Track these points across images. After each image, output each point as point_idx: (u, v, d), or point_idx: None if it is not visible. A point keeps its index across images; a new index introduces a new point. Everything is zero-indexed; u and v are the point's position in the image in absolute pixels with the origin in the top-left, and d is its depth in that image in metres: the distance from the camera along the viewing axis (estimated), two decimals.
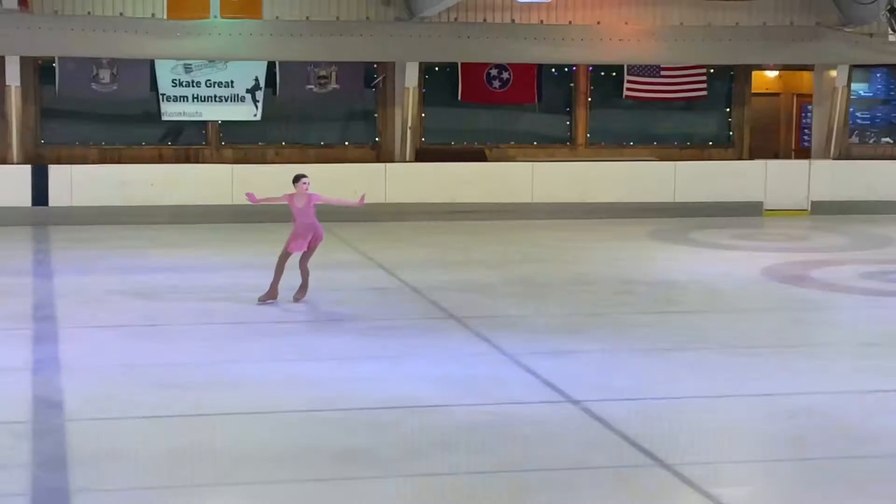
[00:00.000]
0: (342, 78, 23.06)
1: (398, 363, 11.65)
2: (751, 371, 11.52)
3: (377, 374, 11.21)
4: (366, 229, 20.82)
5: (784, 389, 10.87)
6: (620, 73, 24.01)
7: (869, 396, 10.71)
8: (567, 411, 10.13)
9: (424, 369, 11.39)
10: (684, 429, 9.81)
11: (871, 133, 24.44)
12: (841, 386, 11.00)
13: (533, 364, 11.57)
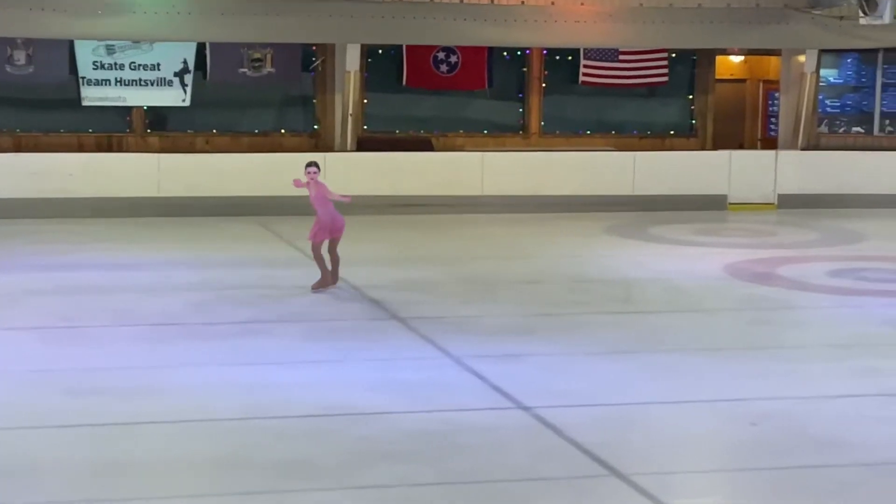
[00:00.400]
0: (278, 61, 22.98)
1: (338, 367, 11.65)
2: (712, 374, 11.62)
3: (315, 379, 11.20)
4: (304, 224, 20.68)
5: (748, 394, 10.97)
6: (576, 58, 24.09)
7: (838, 401, 10.83)
8: (517, 418, 10.17)
9: (366, 374, 11.40)
10: (641, 436, 9.88)
11: (841, 122, 24.65)
12: (808, 390, 11.10)
13: (481, 368, 11.60)
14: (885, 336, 13.24)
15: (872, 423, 10.14)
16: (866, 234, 20.63)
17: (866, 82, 24.60)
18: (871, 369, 11.83)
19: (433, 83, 23.76)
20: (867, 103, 24.48)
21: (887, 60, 24.23)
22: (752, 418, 10.24)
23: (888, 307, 14.65)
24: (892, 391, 11.10)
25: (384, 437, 9.57)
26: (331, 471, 8.82)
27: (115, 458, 9.08)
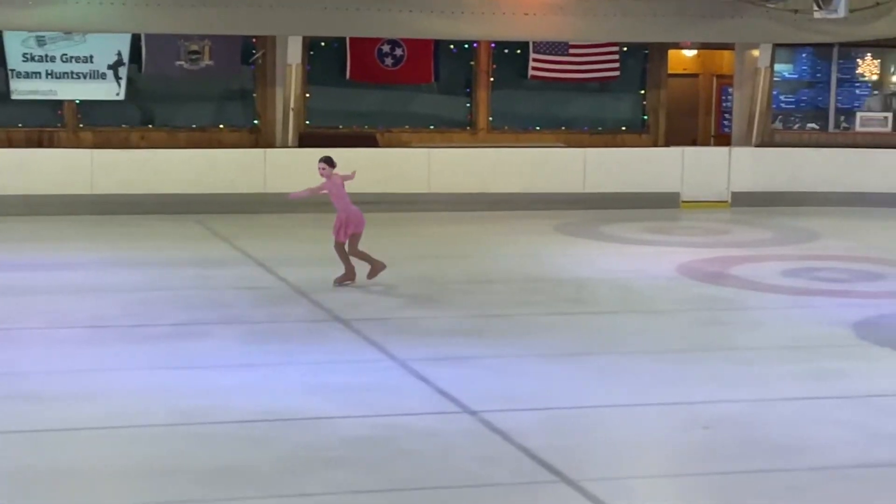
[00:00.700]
0: (216, 53, 22.85)
1: (276, 371, 11.57)
2: (664, 377, 11.63)
3: (252, 384, 11.12)
4: (243, 222, 20.67)
5: (700, 397, 10.98)
6: (525, 51, 24.11)
7: (791, 404, 10.86)
8: (464, 423, 10.14)
9: (306, 378, 11.33)
10: (591, 441, 9.87)
11: (795, 118, 24.80)
12: (761, 393, 11.13)
13: (427, 371, 11.56)
14: (839, 337, 13.30)
15: (825, 425, 10.18)
16: (821, 232, 20.76)
17: (821, 77, 24.76)
18: (825, 371, 11.88)
19: (378, 77, 23.71)
20: (822, 99, 24.65)
21: (842, 55, 24.41)
22: (703, 422, 10.26)
23: (842, 307, 14.72)
24: (845, 393, 11.15)
25: (324, 443, 9.50)
26: (268, 478, 8.75)
27: (45, 465, 8.96)
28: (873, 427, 10.13)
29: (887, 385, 11.43)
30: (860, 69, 24.81)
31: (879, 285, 16.29)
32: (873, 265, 17.67)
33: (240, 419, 10.05)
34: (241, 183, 21.88)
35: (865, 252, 18.97)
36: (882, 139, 24.18)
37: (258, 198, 21.71)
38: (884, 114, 24.47)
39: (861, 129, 24.41)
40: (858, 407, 10.72)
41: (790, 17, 23.24)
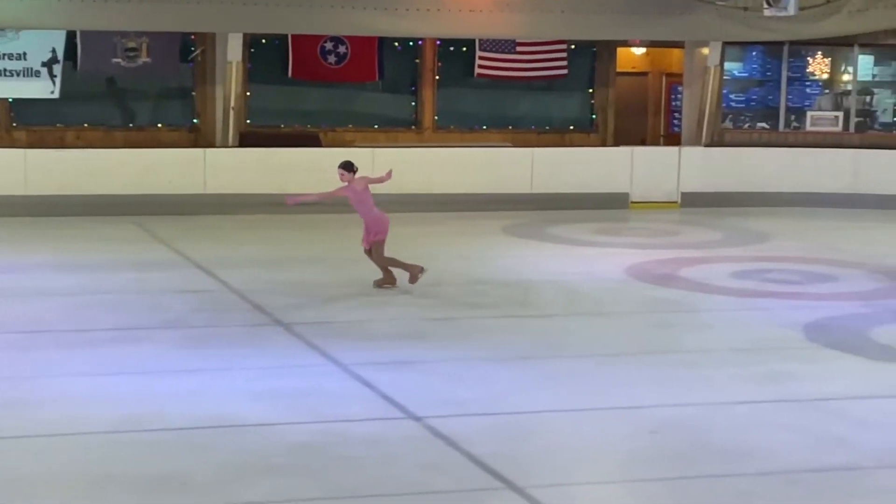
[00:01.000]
0: (154, 50, 22.78)
1: (216, 377, 11.58)
2: (612, 381, 11.72)
3: (192, 390, 11.12)
4: (182, 224, 20.63)
5: (648, 401, 11.08)
6: (472, 49, 24.19)
7: (740, 408, 10.98)
8: (408, 429, 10.18)
9: (246, 383, 11.34)
10: (538, 447, 9.94)
11: (745, 117, 24.99)
12: (710, 397, 11.24)
13: (370, 376, 11.59)
14: (789, 340, 13.45)
15: (775, 429, 10.31)
16: (771, 233, 20.95)
17: (771, 76, 24.96)
18: (775, 374, 12.02)
19: (320, 75, 23.72)
20: (772, 98, 24.85)
21: (792, 54, 24.62)
22: (652, 426, 10.35)
23: (793, 309, 14.88)
24: (795, 397, 11.28)
25: (266, 450, 9.53)
26: (208, 486, 8.77)
27: None
28: (822, 431, 10.26)
29: (836, 388, 11.58)
30: (811, 68, 25.03)
31: (830, 287, 16.47)
32: (824, 266, 17.85)
33: (180, 426, 10.05)
34: (181, 184, 21.82)
35: (816, 253, 19.16)
36: (833, 139, 24.40)
37: (198, 199, 21.68)
38: (834, 113, 24.71)
39: (812, 128, 24.62)
40: (807, 411, 10.86)
41: (740, 14, 23.44)
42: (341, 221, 21.29)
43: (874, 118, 24.99)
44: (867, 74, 25.10)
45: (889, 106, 25.02)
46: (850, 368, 12.40)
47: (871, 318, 14.56)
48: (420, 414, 10.47)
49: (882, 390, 11.68)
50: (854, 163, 24.07)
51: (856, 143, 24.35)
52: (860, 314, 14.76)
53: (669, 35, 24.11)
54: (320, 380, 11.56)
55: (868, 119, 24.86)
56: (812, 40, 24.31)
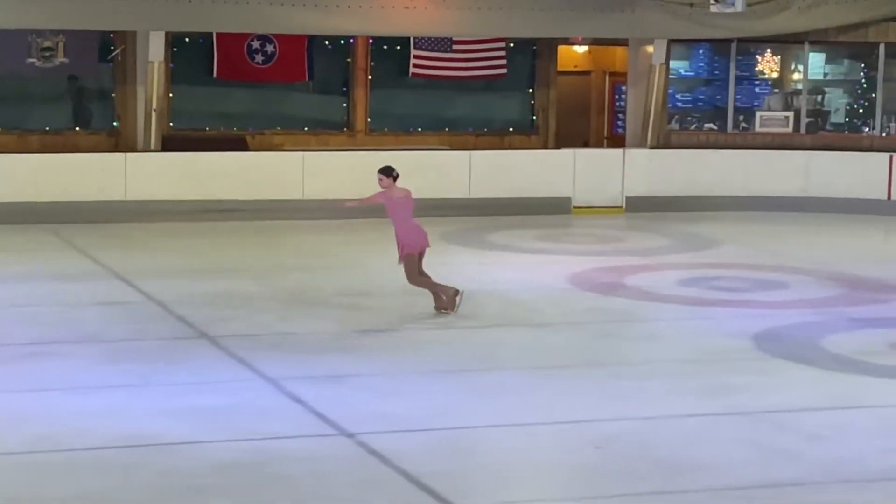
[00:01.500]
0: (71, 50, 22.63)
1: (137, 393, 11.53)
2: (553, 395, 11.77)
3: (111, 407, 11.07)
4: (101, 232, 20.50)
5: (591, 415, 11.14)
6: (406, 48, 24.19)
7: (688, 421, 11.06)
8: (340, 446, 10.19)
9: (170, 399, 11.31)
10: (477, 463, 9.97)
11: (692, 118, 25.13)
12: (656, 410, 11.31)
13: (300, 391, 11.59)
14: (738, 350, 13.55)
15: (724, 443, 10.39)
16: (719, 239, 21.07)
17: (719, 75, 25.11)
18: (723, 386, 12.11)
19: (247, 75, 23.65)
20: (720, 98, 25.00)
21: (741, 51, 24.79)
22: (595, 441, 10.40)
23: (742, 318, 14.99)
24: (743, 409, 11.36)
25: (190, 469, 9.50)
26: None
27: None
28: (771, 445, 10.35)
29: (786, 400, 11.68)
30: (760, 66, 25.21)
31: (780, 294, 16.60)
32: (774, 273, 17.99)
33: (99, 445, 9.99)
34: (100, 190, 21.68)
35: (766, 259, 19.29)
36: (783, 140, 24.59)
37: (118, 206, 21.54)
38: (784, 113, 24.89)
39: (761, 129, 24.79)
40: (756, 424, 10.95)
41: (686, 11, 23.59)
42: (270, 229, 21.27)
43: (826, 118, 25.20)
44: (818, 73, 25.31)
45: (841, 106, 25.23)
46: (800, 379, 12.51)
47: (823, 326, 14.70)
48: (353, 430, 10.48)
49: (834, 402, 11.80)
50: (805, 165, 24.26)
51: (807, 144, 24.54)
52: (811, 322, 14.89)
53: (612, 32, 24.21)
54: (248, 395, 11.54)
55: (819, 119, 25.07)
56: (761, 37, 24.48)
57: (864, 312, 15.52)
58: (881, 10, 23.96)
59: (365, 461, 9.85)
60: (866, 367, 12.93)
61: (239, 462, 9.70)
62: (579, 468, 9.92)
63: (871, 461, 10.03)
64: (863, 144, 24.42)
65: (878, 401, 11.82)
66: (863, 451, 10.27)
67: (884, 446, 10.39)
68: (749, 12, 22.41)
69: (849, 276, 17.73)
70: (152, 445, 10.05)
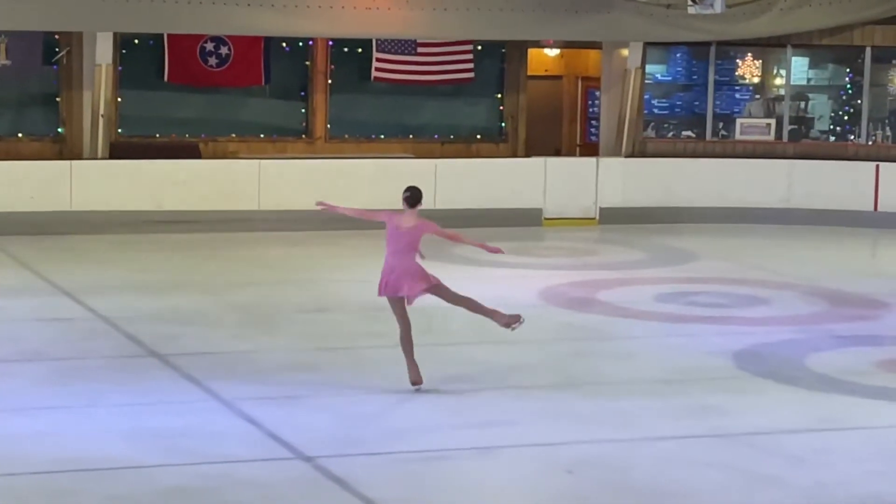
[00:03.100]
0: (13, 51, 22.59)
1: (82, 414, 11.50)
2: (524, 416, 11.79)
3: (55, 429, 11.03)
4: (45, 245, 20.42)
5: (564, 438, 11.16)
6: (368, 50, 24.22)
7: (664, 444, 11.08)
8: (297, 470, 10.18)
9: (116, 421, 11.28)
10: (439, 489, 9.98)
11: (669, 125, 25.22)
12: (631, 432, 11.34)
13: (255, 412, 11.58)
14: (716, 369, 13.60)
15: (702, 468, 10.41)
16: (697, 252, 21.14)
17: (697, 80, 25.21)
18: (701, 407, 12.14)
19: (200, 79, 23.63)
20: (699, 104, 25.10)
21: (720, 55, 24.90)
22: (568, 465, 10.42)
23: (722, 336, 15.05)
24: (722, 432, 11.40)
25: (137, 495, 9.47)
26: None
27: None
28: (752, 469, 10.38)
29: (767, 422, 11.72)
30: (740, 71, 25.32)
31: (761, 311, 16.67)
32: (755, 288, 18.05)
33: (41, 470, 9.96)
34: (44, 200, 21.61)
35: (747, 274, 19.38)
36: (764, 149, 24.70)
37: (63, 217, 21.47)
38: (766, 120, 25.01)
39: (742, 137, 24.90)
40: (736, 447, 10.98)
41: (663, 12, 23.67)
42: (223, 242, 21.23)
43: (809, 126, 25.32)
44: (801, 78, 25.44)
45: (826, 112, 25.37)
46: (783, 400, 12.56)
47: (806, 344, 14.76)
48: (310, 454, 10.47)
49: (818, 423, 11.85)
50: (788, 175, 24.38)
51: (789, 153, 24.65)
52: (794, 340, 14.96)
53: (585, 35, 24.28)
54: (199, 417, 11.51)
55: (803, 127, 25.20)
56: (741, 41, 24.61)
57: (850, 330, 15.58)
58: (867, 13, 24.09)
59: (323, 487, 9.84)
60: (852, 387, 12.99)
61: (189, 487, 9.68)
62: (551, 494, 9.93)
63: (856, 485, 10.07)
64: (848, 153, 24.54)
65: (864, 422, 11.87)
66: (848, 475, 10.31)
67: (870, 469, 10.44)
68: (729, 14, 22.51)
69: (834, 292, 17.82)
70: (98, 470, 10.01)
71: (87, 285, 17.28)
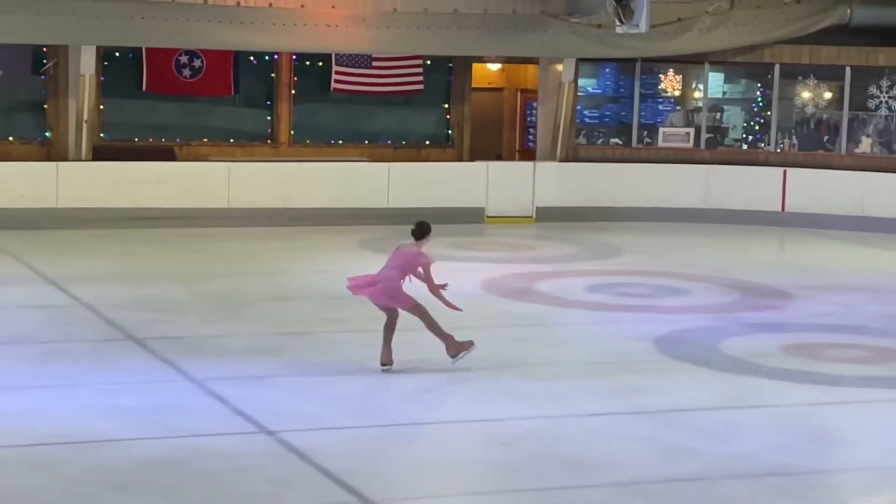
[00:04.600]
0: (4, 62, 22.35)
1: (65, 392, 11.42)
2: (466, 395, 11.80)
3: (39, 406, 10.95)
4: (33, 238, 20.25)
5: (501, 414, 11.17)
6: (328, 64, 24.13)
7: (590, 420, 11.11)
8: (261, 443, 10.14)
9: (96, 399, 11.21)
10: (391, 460, 9.97)
11: (599, 133, 25.24)
12: (561, 410, 11.35)
13: (223, 391, 11.53)
14: (640, 353, 13.63)
15: (626, 441, 10.44)
16: (624, 248, 21.17)
17: (625, 93, 25.22)
18: (625, 387, 12.17)
19: (175, 89, 23.47)
20: (626, 114, 25.12)
21: (645, 71, 24.93)
22: (504, 439, 10.42)
23: (645, 323, 15.08)
24: (643, 409, 11.43)
25: (115, 466, 9.41)
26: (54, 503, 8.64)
27: None
28: (669, 442, 10.41)
29: (684, 400, 11.76)
30: (663, 85, 25.34)
31: (681, 300, 16.72)
32: (675, 280, 18.10)
33: (25, 443, 9.89)
34: (32, 198, 21.44)
35: (668, 267, 19.42)
36: (684, 155, 24.74)
37: (50, 213, 21.31)
38: (686, 129, 25.05)
39: (664, 144, 24.92)
40: (655, 422, 11.01)
41: (594, 32, 23.68)
42: (196, 236, 21.12)
43: (724, 135, 25.37)
44: (717, 91, 25.49)
45: (739, 122, 25.43)
46: (698, 380, 12.61)
47: (720, 330, 14.82)
48: (273, 428, 10.43)
49: (729, 401, 11.90)
50: (705, 179, 24.44)
51: (706, 159, 24.70)
52: (709, 327, 15.01)
53: (524, 51, 24.27)
54: (173, 395, 11.46)
55: (718, 135, 25.24)
56: (664, 57, 24.62)
57: (759, 318, 15.66)
58: (776, 33, 24.20)
59: (284, 458, 9.81)
60: (760, 368, 13.06)
61: (162, 459, 9.63)
62: (489, 465, 9.94)
63: (763, 457, 10.12)
64: (758, 159, 24.62)
65: (770, 401, 11.94)
66: (756, 447, 10.37)
67: (775, 443, 10.50)
68: (653, 33, 22.51)
69: (745, 284, 17.89)
70: (80, 443, 9.95)
71: (71, 275, 17.14)
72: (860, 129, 24.44)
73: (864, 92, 24.24)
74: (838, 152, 24.30)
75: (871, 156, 24.11)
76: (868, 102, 24.27)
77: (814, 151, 24.47)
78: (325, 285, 17.16)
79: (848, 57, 24.15)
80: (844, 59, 24.17)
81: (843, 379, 12.74)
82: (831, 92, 24.59)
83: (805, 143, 24.65)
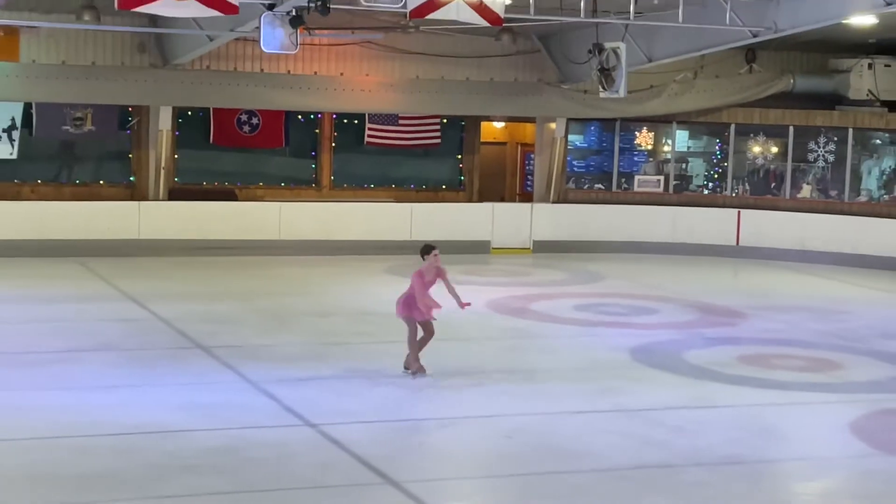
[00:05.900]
0: (97, 119, 22.40)
1: (143, 391, 11.41)
2: (475, 394, 11.75)
3: (122, 401, 10.94)
4: (120, 264, 20.27)
5: (504, 411, 11.13)
6: (362, 121, 24.15)
7: (577, 417, 11.05)
8: (305, 434, 10.11)
9: (169, 396, 11.19)
10: (413, 449, 9.94)
11: (585, 179, 25.20)
12: (554, 407, 11.30)
13: (275, 390, 11.50)
14: (619, 361, 13.57)
15: (605, 435, 10.40)
16: (606, 274, 21.09)
17: (606, 146, 25.19)
18: (606, 389, 12.11)
19: (237, 141, 23.51)
20: (607, 164, 25.07)
21: (623, 128, 24.89)
22: (506, 432, 10.38)
23: (623, 336, 15.01)
24: (623, 407, 11.38)
25: (185, 452, 9.39)
26: (134, 483, 8.61)
27: None
28: (643, 435, 10.36)
29: (655, 401, 11.70)
30: (638, 140, 25.27)
31: (653, 318, 16.64)
32: (647, 301, 18.02)
33: (112, 432, 9.87)
34: (119, 230, 21.45)
35: (642, 290, 19.32)
36: (655, 198, 24.69)
37: (133, 243, 21.31)
38: (657, 177, 24.99)
39: (639, 189, 24.83)
40: (632, 419, 10.96)
41: (581, 96, 23.70)
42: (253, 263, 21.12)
43: (689, 181, 25.31)
44: (683, 146, 25.42)
45: (701, 172, 25.35)
46: (667, 384, 12.54)
47: (685, 343, 14.75)
48: (315, 422, 10.41)
49: (693, 402, 11.84)
50: (672, 218, 24.34)
51: (674, 201, 24.63)
52: (675, 340, 14.94)
53: (524, 112, 24.28)
54: (233, 394, 11.44)
55: (684, 182, 25.17)
56: (639, 117, 24.60)
57: (717, 333, 15.58)
58: (732, 98, 24.18)
59: (324, 446, 9.79)
60: (718, 375, 12.99)
61: (223, 446, 9.61)
62: (494, 452, 9.90)
63: (722, 449, 10.07)
64: (717, 202, 24.55)
65: (726, 402, 11.87)
66: (716, 441, 10.31)
67: (732, 437, 10.44)
68: (630, 98, 22.46)
69: (705, 304, 17.81)
70: (153, 433, 9.93)
71: (149, 294, 17.12)
72: (801, 177, 24.35)
73: (805, 147, 24.16)
74: (783, 197, 24.22)
75: (810, 200, 24.03)
76: (808, 155, 24.19)
77: (763, 196, 24.39)
78: (357, 304, 17.14)
79: (791, 118, 24.09)
80: (788, 119, 24.11)
81: (788, 384, 12.67)
82: (777, 147, 24.52)
83: (756, 188, 24.57)
